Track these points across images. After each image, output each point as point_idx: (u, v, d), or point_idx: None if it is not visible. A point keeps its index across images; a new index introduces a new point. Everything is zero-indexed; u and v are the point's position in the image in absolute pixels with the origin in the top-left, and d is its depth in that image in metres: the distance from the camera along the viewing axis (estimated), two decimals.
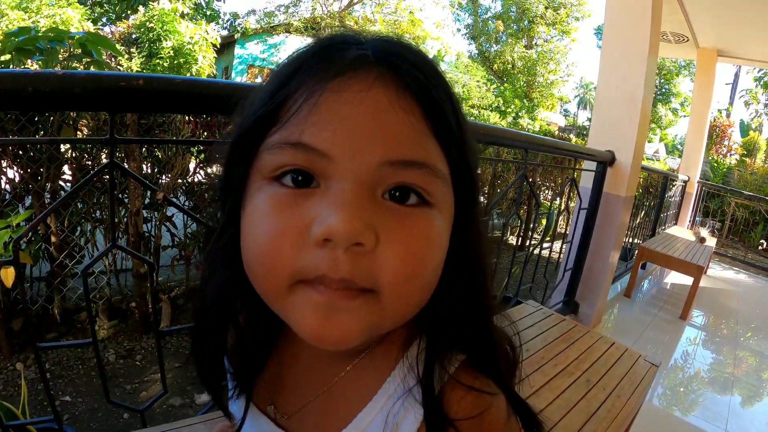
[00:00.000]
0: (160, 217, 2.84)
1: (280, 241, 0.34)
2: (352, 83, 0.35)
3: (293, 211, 0.35)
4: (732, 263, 6.40)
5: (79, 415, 2.01)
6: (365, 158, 0.34)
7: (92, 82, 0.79)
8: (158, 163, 2.83)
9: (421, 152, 0.36)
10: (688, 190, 6.35)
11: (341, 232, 0.32)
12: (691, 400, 2.67)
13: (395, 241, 0.34)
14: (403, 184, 0.35)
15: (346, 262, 0.33)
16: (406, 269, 0.34)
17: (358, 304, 0.34)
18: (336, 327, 0.34)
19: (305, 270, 0.34)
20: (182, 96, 0.90)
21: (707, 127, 6.26)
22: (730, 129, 12.15)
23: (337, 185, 0.34)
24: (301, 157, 0.35)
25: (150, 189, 2.50)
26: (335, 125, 0.34)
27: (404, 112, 0.35)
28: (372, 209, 0.34)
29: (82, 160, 2.60)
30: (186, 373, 2.38)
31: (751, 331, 3.98)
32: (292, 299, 0.35)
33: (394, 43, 0.38)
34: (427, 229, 0.36)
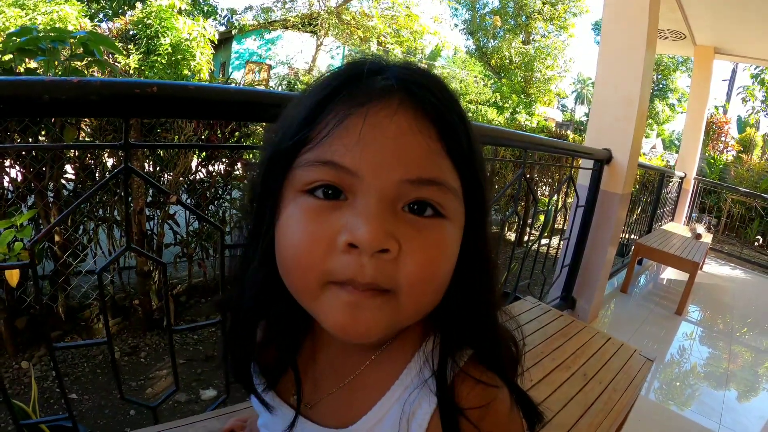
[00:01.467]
0: (162, 215, 2.86)
1: (314, 246, 0.39)
2: (378, 110, 0.40)
3: (324, 220, 0.39)
4: (728, 259, 6.45)
5: (86, 412, 2.04)
6: (388, 176, 0.39)
7: (108, 90, 0.82)
8: (161, 161, 2.85)
9: (436, 171, 0.40)
10: (685, 186, 6.40)
11: (368, 240, 0.37)
12: (686, 394, 2.71)
13: (414, 249, 0.39)
14: (421, 199, 0.40)
15: (371, 267, 0.38)
16: (423, 273, 0.39)
17: (379, 302, 0.39)
18: (361, 323, 0.39)
19: (335, 272, 0.39)
20: (194, 102, 0.93)
21: (704, 123, 6.30)
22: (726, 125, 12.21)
23: (363, 199, 0.39)
24: (332, 174, 0.40)
25: (164, 192, 2.52)
26: (363, 147, 0.39)
27: (422, 135, 0.40)
28: (393, 220, 0.39)
29: (86, 160, 2.61)
30: (191, 370, 2.40)
31: (746, 327, 4.03)
32: (323, 298, 0.40)
33: (414, 70, 0.43)
34: (441, 238, 0.41)
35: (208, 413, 1.06)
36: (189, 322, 2.88)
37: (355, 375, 0.49)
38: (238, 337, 0.53)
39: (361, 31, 15.63)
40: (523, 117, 14.98)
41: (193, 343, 2.64)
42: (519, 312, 1.90)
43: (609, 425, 1.34)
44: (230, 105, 0.98)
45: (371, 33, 15.57)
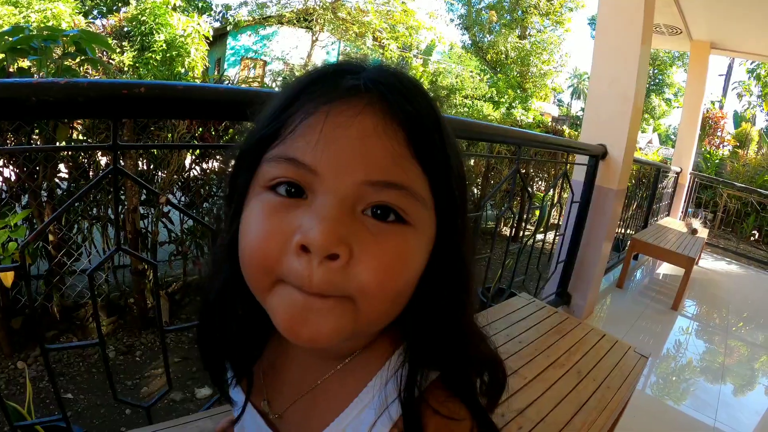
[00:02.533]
0: (156, 214, 2.85)
1: (269, 244, 0.38)
2: (344, 109, 0.39)
3: (282, 218, 0.39)
4: (724, 254, 6.48)
5: (82, 412, 2.04)
6: (348, 177, 0.38)
7: (95, 91, 0.80)
8: (154, 160, 2.84)
9: (400, 175, 0.39)
10: (681, 181, 6.41)
11: (318, 243, 0.36)
12: (682, 389, 2.72)
13: (368, 255, 0.37)
14: (382, 203, 0.39)
15: (318, 275, 0.36)
16: (376, 281, 0.37)
17: (331, 305, 0.38)
18: (309, 326, 0.38)
19: (285, 273, 0.38)
20: (183, 102, 0.92)
21: (700, 118, 6.30)
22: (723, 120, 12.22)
23: (322, 199, 0.38)
24: (293, 171, 0.39)
25: (153, 193, 2.51)
26: (325, 145, 0.38)
27: (387, 137, 0.38)
28: (350, 224, 0.38)
29: (79, 159, 2.60)
30: (186, 368, 2.40)
31: (742, 321, 4.05)
32: (274, 294, 0.39)
33: (388, 73, 0.42)
34: (400, 245, 0.39)
35: (202, 413, 1.05)
36: (184, 321, 2.87)
37: (317, 385, 0.48)
38: (206, 335, 0.53)
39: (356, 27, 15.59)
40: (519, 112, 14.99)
41: (188, 341, 2.64)
42: (513, 308, 1.90)
43: (603, 423, 1.34)
44: (219, 105, 0.96)
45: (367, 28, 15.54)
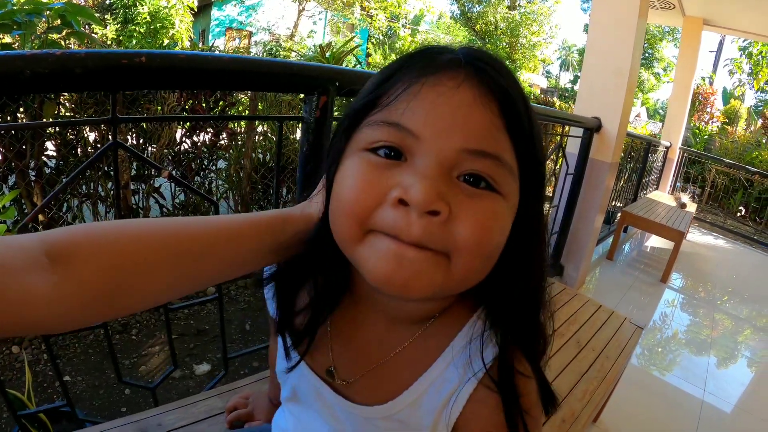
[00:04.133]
0: (148, 189, 2.80)
1: (365, 195, 0.40)
2: (445, 80, 0.41)
3: (381, 175, 0.40)
4: (711, 229, 6.57)
5: (81, 393, 2.02)
6: (448, 143, 0.39)
7: (93, 61, 0.76)
8: (144, 134, 2.78)
9: (494, 145, 0.40)
10: (670, 156, 6.45)
11: (419, 199, 0.37)
12: (671, 360, 2.79)
13: (466, 214, 0.39)
14: (476, 172, 0.40)
15: (419, 226, 0.38)
16: (474, 238, 0.39)
17: (427, 257, 0.39)
18: (405, 272, 0.38)
19: (380, 223, 0.39)
20: (185, 72, 0.89)
21: (690, 94, 6.31)
22: (712, 96, 12.26)
23: (422, 161, 0.40)
24: (395, 135, 0.41)
25: (154, 167, 2.46)
26: (427, 111, 0.40)
27: (485, 108, 0.40)
28: (447, 185, 0.39)
29: (67, 136, 2.53)
30: (183, 345, 2.40)
31: (727, 295, 4.14)
32: (366, 243, 0.40)
33: (481, 51, 0.44)
34: (493, 209, 0.41)
35: (209, 392, 1.05)
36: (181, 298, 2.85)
37: (397, 352, 0.49)
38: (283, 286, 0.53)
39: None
40: None
41: (184, 318, 2.63)
42: None
43: (603, 392, 1.37)
44: (223, 74, 0.94)
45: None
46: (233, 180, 3.21)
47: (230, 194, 3.27)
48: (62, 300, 0.35)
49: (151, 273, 0.40)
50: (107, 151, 0.99)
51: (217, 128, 3.04)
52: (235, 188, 3.22)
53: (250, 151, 3.07)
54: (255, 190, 3.28)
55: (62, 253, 0.36)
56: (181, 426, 0.92)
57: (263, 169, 3.27)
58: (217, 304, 2.67)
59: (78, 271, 0.36)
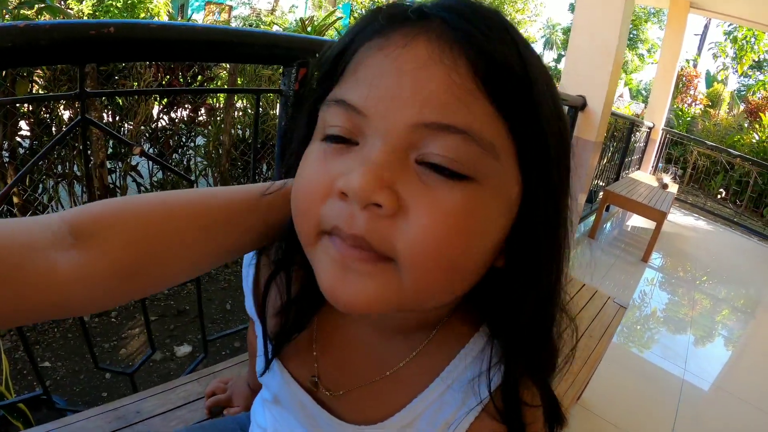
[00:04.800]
0: (124, 168, 2.73)
1: (312, 190, 0.35)
2: (394, 38, 0.33)
3: (329, 165, 0.35)
4: (692, 210, 6.67)
5: (61, 379, 1.99)
6: (397, 117, 0.32)
7: (59, 33, 0.72)
8: (120, 110, 2.69)
9: (462, 114, 0.31)
10: (653, 136, 6.49)
11: (357, 189, 0.31)
12: (652, 339, 2.84)
13: (420, 210, 0.32)
14: (434, 154, 0.32)
15: (361, 219, 0.32)
16: (427, 242, 0.31)
17: (372, 269, 0.33)
18: (349, 287, 0.33)
19: (324, 219, 0.34)
20: (158, 43, 0.84)
21: (674, 76, 6.34)
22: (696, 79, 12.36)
23: (370, 144, 0.33)
24: (343, 115, 0.34)
25: (126, 144, 2.40)
26: (372, 81, 0.33)
27: (445, 67, 0.32)
28: (400, 173, 0.32)
29: (41, 114, 2.45)
30: (163, 327, 2.36)
31: (707, 276, 4.21)
32: (316, 249, 0.35)
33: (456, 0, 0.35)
34: (460, 204, 0.32)
35: (188, 376, 1.03)
36: None
37: (393, 371, 0.44)
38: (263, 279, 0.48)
39: None
40: None
41: (163, 298, 2.59)
42: None
43: (587, 372, 1.38)
44: (197, 45, 0.89)
45: None
46: (212, 157, 3.16)
47: (209, 171, 3.23)
48: (88, 277, 0.34)
49: (180, 245, 0.38)
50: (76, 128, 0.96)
51: (195, 104, 2.97)
52: (214, 165, 3.17)
53: (228, 126, 3.02)
54: (234, 167, 3.24)
55: (86, 230, 0.35)
56: (159, 413, 0.91)
57: (242, 145, 3.22)
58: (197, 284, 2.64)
59: (103, 247, 0.34)
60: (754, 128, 9.18)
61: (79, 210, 0.36)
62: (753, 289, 4.15)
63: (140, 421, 0.88)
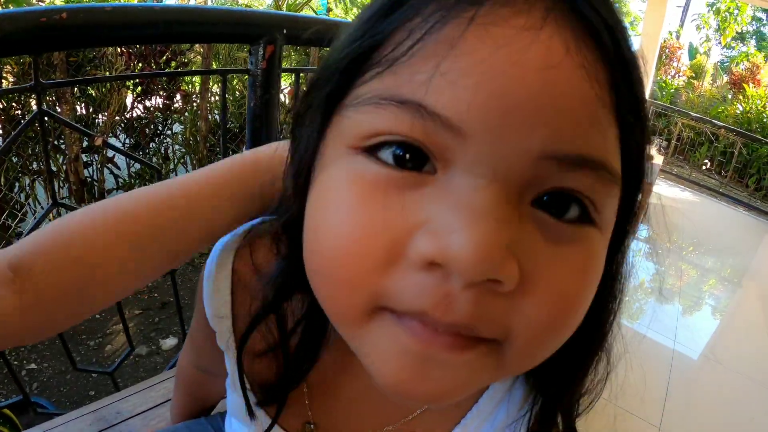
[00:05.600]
0: (101, 160, 2.69)
1: (366, 249, 0.23)
2: (508, 14, 0.21)
3: (391, 206, 0.23)
4: (677, 181, 6.70)
5: (47, 381, 1.96)
6: (521, 143, 0.21)
7: (8, 23, 0.69)
8: (93, 101, 2.63)
9: (599, 143, 0.23)
10: None
11: (467, 260, 0.20)
12: (641, 310, 2.86)
13: (547, 280, 0.23)
14: (569, 190, 0.23)
15: (466, 302, 0.22)
16: (553, 320, 0.24)
17: (468, 358, 0.23)
18: (430, 383, 0.23)
19: (396, 297, 0.23)
20: (113, 27, 0.80)
21: (658, 47, 6.33)
22: (679, 51, 12.36)
23: (467, 179, 0.22)
24: (415, 125, 0.22)
25: (86, 135, 2.34)
26: (478, 80, 0.21)
27: (587, 72, 0.22)
28: (517, 226, 0.22)
29: (11, 111, 2.38)
30: (148, 320, 2.33)
31: (693, 246, 4.26)
32: (370, 331, 0.24)
33: None
34: (587, 262, 0.25)
35: (167, 372, 1.02)
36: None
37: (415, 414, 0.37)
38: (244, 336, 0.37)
39: None
40: None
41: (147, 291, 2.55)
42: None
43: None
44: (156, 26, 0.85)
45: None
46: (190, 143, 3.13)
47: (188, 158, 3.20)
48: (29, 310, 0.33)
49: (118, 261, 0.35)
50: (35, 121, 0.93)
51: (169, 91, 2.92)
52: (192, 152, 3.14)
53: (205, 112, 2.98)
54: (213, 153, 3.21)
55: (23, 263, 0.33)
56: (139, 412, 0.89)
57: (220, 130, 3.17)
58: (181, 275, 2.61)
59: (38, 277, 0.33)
60: (738, 99, 9.23)
61: (20, 244, 0.34)
62: (739, 258, 4.21)
63: (121, 421, 0.87)
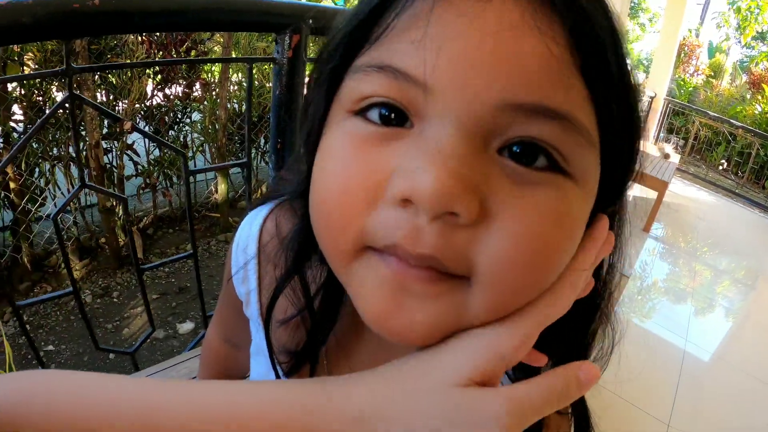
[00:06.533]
0: (120, 147, 2.72)
1: (352, 191, 0.27)
2: None
3: (374, 155, 0.27)
4: (693, 180, 6.63)
5: (65, 362, 2.01)
6: (480, 94, 0.24)
7: (43, 8, 0.71)
8: (114, 89, 2.66)
9: (561, 96, 0.25)
10: (654, 106, 6.42)
11: (429, 193, 0.24)
12: (653, 309, 2.85)
13: (509, 215, 0.25)
14: (531, 140, 0.26)
15: (431, 234, 0.25)
16: (516, 255, 0.25)
17: (438, 290, 0.26)
18: (405, 315, 0.27)
19: (375, 233, 0.26)
20: (143, 14, 0.82)
21: (677, 45, 6.24)
22: (698, 49, 12.16)
23: (436, 128, 0.25)
24: (392, 86, 0.26)
25: (115, 119, 2.38)
26: (441, 44, 0.25)
27: (541, 34, 0.25)
28: (480, 168, 0.25)
29: (33, 97, 2.42)
30: (165, 304, 2.38)
31: (707, 247, 4.21)
32: (356, 268, 0.28)
33: None
34: (557, 206, 0.26)
35: (189, 353, 1.03)
36: (159, 255, 2.81)
37: None
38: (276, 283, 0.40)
39: None
40: None
41: (165, 276, 2.59)
42: None
43: None
44: (185, 14, 0.87)
45: None
46: (209, 132, 3.14)
47: (206, 147, 3.22)
48: None
49: None
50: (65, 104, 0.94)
51: (189, 79, 2.95)
52: (210, 140, 3.16)
53: (224, 101, 2.99)
54: (231, 141, 3.23)
55: None
56: None
57: (239, 119, 3.21)
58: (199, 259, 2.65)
59: None
60: (757, 99, 9.06)
61: None
62: (754, 260, 4.16)
63: None
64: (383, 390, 0.27)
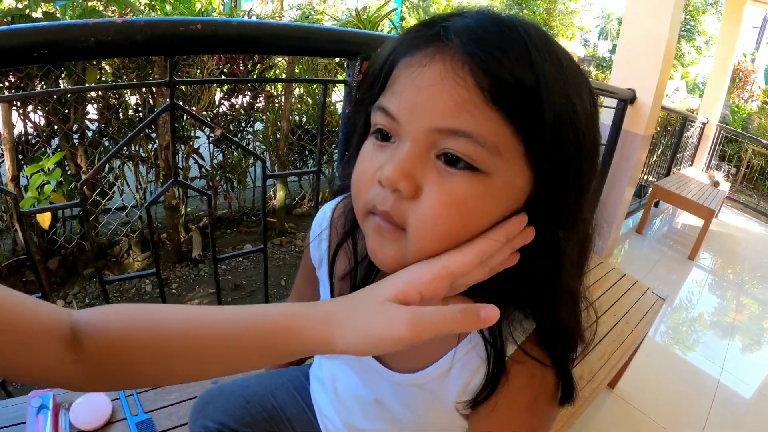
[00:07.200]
0: (187, 150, 2.91)
1: (363, 178, 0.45)
2: (418, 57, 0.42)
3: (375, 158, 0.45)
4: (743, 210, 6.39)
5: None
6: (418, 124, 0.41)
7: (152, 29, 0.82)
8: (184, 96, 2.87)
9: (466, 122, 0.39)
10: (706, 132, 6.26)
11: (386, 179, 0.41)
12: (692, 338, 2.80)
13: (430, 193, 0.41)
14: (450, 150, 0.40)
15: (389, 200, 0.42)
16: (431, 218, 0.41)
17: (394, 237, 0.43)
18: (383, 250, 0.44)
19: (369, 200, 0.44)
20: (237, 39, 0.94)
21: (731, 70, 6.09)
22: (753, 74, 11.72)
23: (401, 143, 0.43)
24: (384, 119, 0.44)
25: (209, 126, 2.61)
26: (401, 93, 0.42)
27: (455, 84, 0.39)
28: (421, 166, 0.41)
29: (109, 100, 2.64)
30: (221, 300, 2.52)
31: (756, 279, 4.04)
32: (365, 223, 0.46)
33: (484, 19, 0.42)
34: (464, 189, 0.40)
35: None
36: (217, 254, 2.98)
37: None
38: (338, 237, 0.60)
39: None
40: None
41: (221, 273, 2.75)
42: None
43: (620, 356, 1.42)
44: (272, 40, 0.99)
45: None
46: (270, 141, 3.33)
47: (267, 155, 3.40)
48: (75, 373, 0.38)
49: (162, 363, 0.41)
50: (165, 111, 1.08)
51: (254, 91, 3.13)
52: (272, 149, 3.35)
53: (287, 113, 3.16)
54: (291, 151, 3.42)
55: (82, 332, 0.39)
56: None
57: (299, 130, 3.40)
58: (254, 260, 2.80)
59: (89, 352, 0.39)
60: None
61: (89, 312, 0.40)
62: None
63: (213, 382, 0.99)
64: (343, 302, 0.44)
